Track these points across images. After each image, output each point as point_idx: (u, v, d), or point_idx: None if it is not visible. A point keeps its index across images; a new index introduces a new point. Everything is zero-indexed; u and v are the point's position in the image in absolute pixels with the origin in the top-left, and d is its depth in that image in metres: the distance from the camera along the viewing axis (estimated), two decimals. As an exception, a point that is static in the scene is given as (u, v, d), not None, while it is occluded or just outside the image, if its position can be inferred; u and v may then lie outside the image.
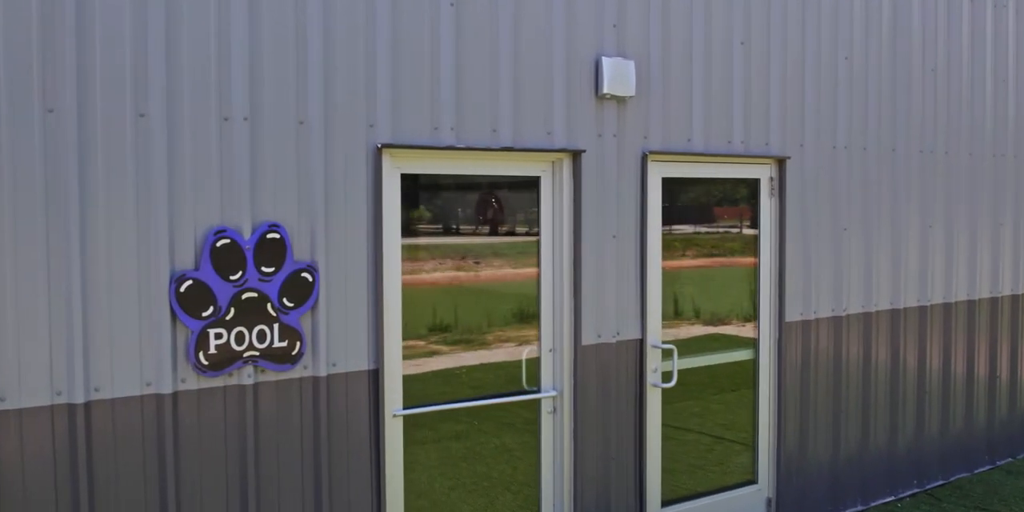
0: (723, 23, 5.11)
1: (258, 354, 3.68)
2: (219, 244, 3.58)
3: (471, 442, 4.45)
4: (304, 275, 3.78)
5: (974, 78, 6.53)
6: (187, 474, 3.59)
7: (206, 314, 3.56)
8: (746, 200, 5.41)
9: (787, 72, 5.42)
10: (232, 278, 3.61)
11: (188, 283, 3.52)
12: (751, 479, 5.51)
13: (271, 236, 3.69)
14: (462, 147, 4.17)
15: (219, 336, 3.59)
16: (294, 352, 3.77)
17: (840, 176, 5.72)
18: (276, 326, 3.72)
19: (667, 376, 5.06)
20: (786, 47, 5.41)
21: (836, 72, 5.67)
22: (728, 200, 5.38)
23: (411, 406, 4.22)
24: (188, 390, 3.57)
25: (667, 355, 5.06)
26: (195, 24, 3.52)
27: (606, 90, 4.57)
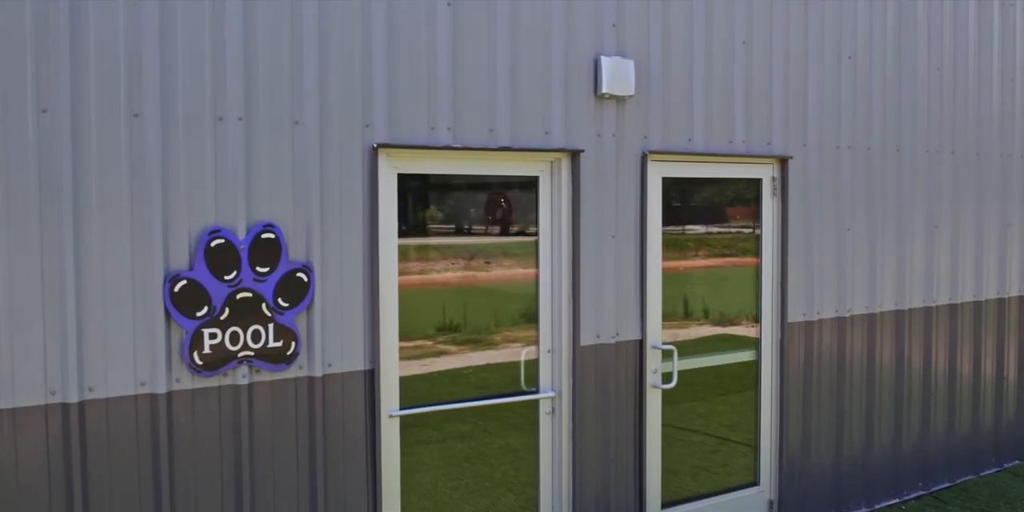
0: (724, 22, 5.08)
1: (253, 354, 3.68)
2: (213, 244, 3.57)
3: (473, 442, 4.44)
4: (299, 275, 3.77)
5: (981, 77, 6.48)
6: (182, 474, 3.59)
7: (200, 314, 3.56)
8: (748, 200, 5.38)
9: (789, 71, 5.39)
10: (227, 278, 3.61)
11: (182, 283, 3.52)
12: (753, 480, 5.47)
13: (266, 236, 3.69)
14: (459, 147, 4.16)
15: (213, 336, 3.59)
16: (289, 352, 3.76)
17: (844, 176, 5.68)
18: (271, 326, 3.72)
19: (667, 377, 5.04)
20: (788, 46, 5.37)
21: (839, 71, 5.63)
22: (730, 200, 5.34)
23: (408, 406, 4.21)
24: (183, 390, 3.57)
25: (667, 356, 5.03)
26: (189, 23, 3.52)
27: (605, 90, 4.54)
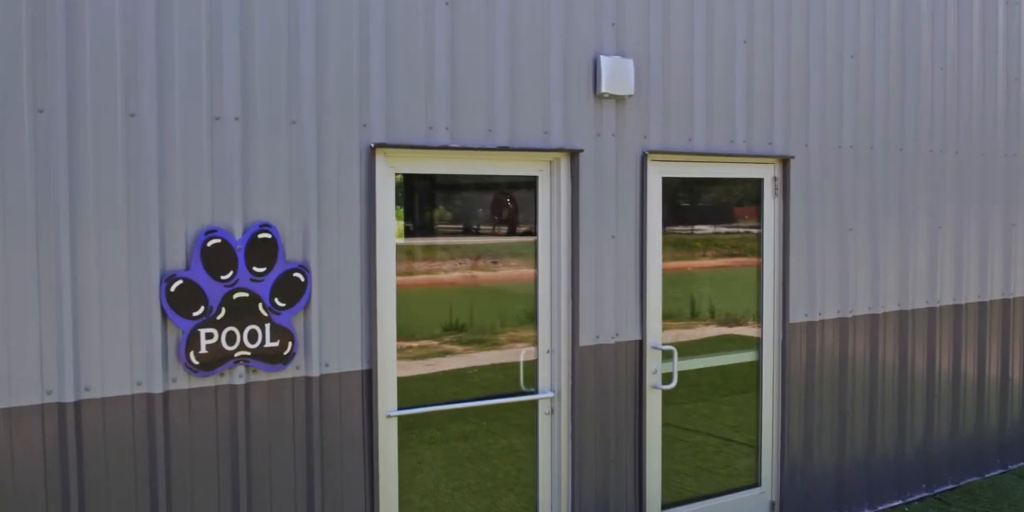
0: (725, 21, 5.06)
1: (249, 354, 3.68)
2: (210, 244, 3.57)
3: (474, 443, 4.43)
4: (296, 275, 3.77)
5: (985, 75, 6.44)
6: (178, 474, 3.60)
7: (197, 314, 3.56)
8: (749, 200, 5.36)
9: (791, 71, 5.36)
10: (223, 278, 3.61)
11: (179, 283, 3.52)
12: (754, 482, 5.45)
13: (262, 236, 3.69)
14: (457, 147, 4.15)
15: (210, 336, 3.59)
16: (286, 352, 3.76)
17: (846, 176, 5.65)
18: (268, 326, 3.71)
19: (668, 377, 5.02)
20: (790, 45, 5.35)
21: (842, 70, 5.60)
22: (732, 200, 5.32)
23: (406, 407, 4.21)
24: (179, 390, 3.57)
25: (668, 356, 5.01)
26: (186, 23, 3.52)
27: (604, 89, 4.53)
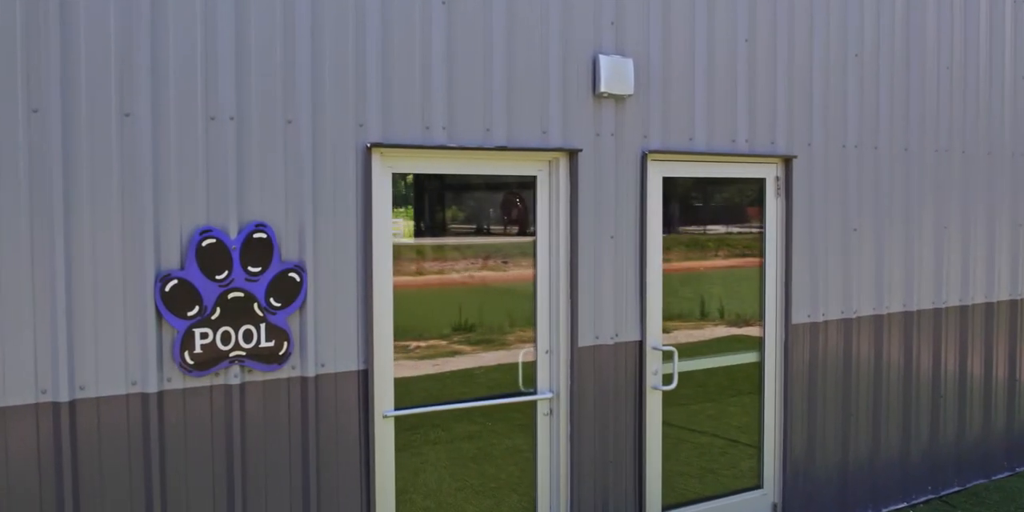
0: (726, 20, 5.03)
1: (244, 354, 3.68)
2: (205, 244, 3.57)
3: (476, 443, 4.41)
4: (291, 275, 3.76)
5: (992, 74, 6.38)
6: (173, 474, 3.60)
7: (191, 314, 3.56)
8: (751, 200, 5.32)
9: (794, 70, 5.33)
10: (218, 278, 3.61)
11: (173, 283, 3.52)
12: (756, 483, 5.42)
13: (258, 236, 3.68)
14: (454, 146, 4.14)
15: (204, 336, 3.59)
16: (281, 352, 3.76)
17: (850, 176, 5.61)
18: (263, 326, 3.71)
19: (668, 378, 4.99)
20: (793, 43, 5.31)
21: (846, 69, 5.56)
22: (734, 200, 5.29)
23: (404, 407, 4.20)
24: (174, 389, 3.57)
25: (668, 357, 4.99)
26: (181, 22, 3.52)
27: (603, 89, 4.51)
